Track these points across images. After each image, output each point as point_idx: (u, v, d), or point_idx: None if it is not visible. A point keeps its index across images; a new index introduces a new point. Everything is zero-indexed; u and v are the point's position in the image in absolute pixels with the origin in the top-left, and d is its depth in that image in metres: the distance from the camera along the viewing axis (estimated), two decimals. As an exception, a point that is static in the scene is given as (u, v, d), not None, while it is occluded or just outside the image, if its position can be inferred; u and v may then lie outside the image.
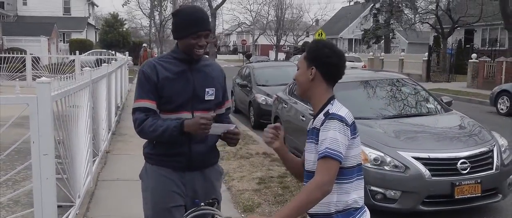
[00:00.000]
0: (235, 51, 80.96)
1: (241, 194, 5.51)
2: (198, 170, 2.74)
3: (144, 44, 32.45)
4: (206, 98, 2.70)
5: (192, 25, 2.57)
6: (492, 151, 5.13)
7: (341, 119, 2.07)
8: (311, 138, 2.17)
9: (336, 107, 2.14)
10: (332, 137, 2.02)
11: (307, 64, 2.20)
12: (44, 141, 3.29)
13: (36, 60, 19.40)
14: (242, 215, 4.86)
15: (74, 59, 18.25)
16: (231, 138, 2.66)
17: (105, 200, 5.18)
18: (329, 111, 2.11)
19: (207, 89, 2.70)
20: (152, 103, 2.61)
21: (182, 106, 2.64)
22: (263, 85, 11.67)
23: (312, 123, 2.22)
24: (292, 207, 1.97)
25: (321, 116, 2.14)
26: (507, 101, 13.22)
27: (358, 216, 2.14)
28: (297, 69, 2.26)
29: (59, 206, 4.39)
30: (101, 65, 8.24)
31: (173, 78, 2.63)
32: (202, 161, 2.74)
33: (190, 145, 2.65)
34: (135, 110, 2.63)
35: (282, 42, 55.03)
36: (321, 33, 36.42)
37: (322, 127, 2.07)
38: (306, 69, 2.20)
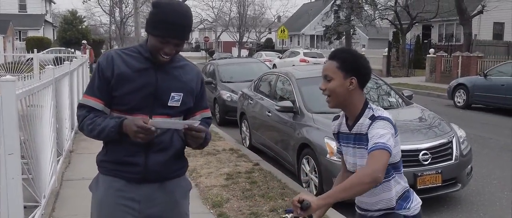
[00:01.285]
0: (197, 48, 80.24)
1: (209, 190, 5.53)
2: (157, 182, 2.34)
3: (84, 41, 28.01)
4: (169, 104, 2.31)
5: (165, 28, 2.17)
6: (451, 142, 5.34)
7: (388, 119, 2.16)
8: (359, 144, 2.23)
9: (379, 111, 2.22)
10: (381, 133, 2.09)
11: (344, 74, 2.20)
12: (9, 140, 3.23)
13: (-9, 59, 18.75)
14: (211, 211, 4.88)
15: (31, 58, 17.73)
16: (193, 136, 2.24)
17: (71, 200, 5.10)
18: (375, 115, 2.18)
19: (173, 94, 2.31)
20: (97, 102, 2.27)
21: (137, 109, 2.26)
22: (227, 82, 11.69)
23: (349, 127, 2.28)
24: (341, 187, 2.02)
25: (365, 121, 2.19)
26: (464, 95, 13.70)
27: (410, 194, 2.33)
28: (328, 80, 2.22)
29: (24, 207, 4.32)
30: (60, 64, 8.06)
31: (131, 76, 2.25)
32: (161, 173, 2.33)
33: (147, 153, 2.28)
34: (79, 106, 2.33)
35: (244, 39, 55.05)
36: (284, 29, 36.72)
37: (371, 127, 2.15)
38: (343, 80, 2.20)
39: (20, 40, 42.39)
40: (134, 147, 2.25)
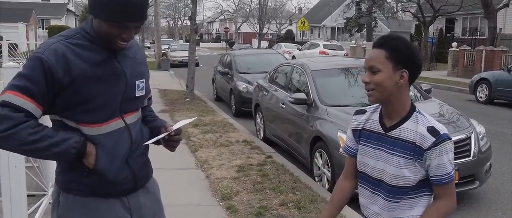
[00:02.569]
0: (218, 39, 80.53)
1: (219, 182, 5.45)
2: (142, 187, 2.10)
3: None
4: (136, 95, 1.98)
5: (124, 11, 1.75)
6: (469, 138, 5.15)
7: (450, 139, 1.88)
8: (398, 151, 1.90)
9: (434, 122, 1.90)
10: (450, 159, 1.86)
11: (394, 66, 1.86)
12: (11, 128, 3.17)
13: (13, 47, 18.99)
14: (220, 203, 4.80)
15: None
16: (175, 140, 2.06)
17: (80, 189, 5.07)
18: (439, 131, 1.85)
19: (137, 82, 1.98)
20: (38, 109, 1.76)
21: (108, 114, 1.87)
22: (244, 73, 11.60)
23: (385, 128, 1.96)
24: None
25: (420, 129, 1.87)
26: (486, 90, 13.36)
27: None
28: (374, 72, 1.88)
29: (31, 195, 4.31)
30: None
31: (94, 73, 1.81)
32: (146, 177, 2.12)
33: (130, 163, 1.98)
34: (5, 104, 1.71)
35: (265, 30, 54.85)
36: (304, 21, 36.39)
37: (437, 150, 1.83)
38: (393, 73, 1.86)
39: (42, 29, 42.97)
40: (118, 159, 1.92)
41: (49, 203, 4.43)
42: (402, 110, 1.92)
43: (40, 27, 42.69)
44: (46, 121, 1.95)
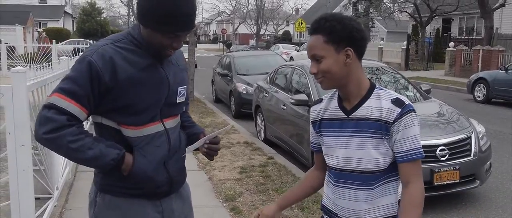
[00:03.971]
0: (215, 41, 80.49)
1: (222, 183, 5.49)
2: (176, 192, 2.10)
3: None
4: (177, 101, 2.00)
5: (175, 22, 1.76)
6: (470, 137, 5.20)
7: (415, 111, 1.75)
8: (363, 132, 1.78)
9: (396, 94, 1.79)
10: (417, 133, 1.73)
11: (336, 48, 1.74)
12: (20, 131, 3.21)
13: (11, 50, 18.98)
14: (224, 205, 4.84)
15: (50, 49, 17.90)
16: (214, 150, 2.11)
17: (84, 192, 5.06)
18: (403, 101, 1.75)
19: (179, 89, 1.99)
20: (82, 111, 1.78)
21: (148, 118, 1.89)
22: (243, 75, 11.63)
23: (346, 111, 1.83)
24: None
25: (384, 104, 1.75)
26: (484, 89, 13.43)
27: None
28: (318, 60, 1.76)
29: (37, 198, 4.33)
30: (79, 55, 8.09)
31: (139, 78, 1.83)
32: (181, 182, 2.12)
33: (167, 167, 1.99)
34: (51, 106, 1.74)
35: (262, 31, 54.88)
36: (301, 22, 36.47)
37: (403, 122, 1.72)
38: (337, 55, 1.74)
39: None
40: (154, 163, 1.93)
41: (55, 206, 4.46)
42: (360, 89, 1.80)
43: (37, 29, 42.61)
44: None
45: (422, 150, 1.75)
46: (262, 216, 2.03)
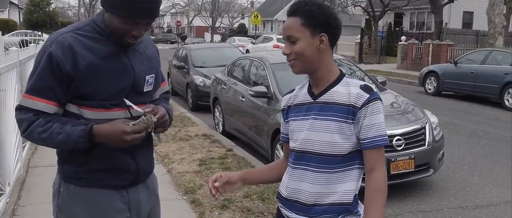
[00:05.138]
0: (169, 33, 79.45)
1: (181, 176, 5.42)
2: (142, 181, 2.05)
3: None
4: (144, 90, 1.96)
5: (135, 8, 1.72)
6: (424, 128, 5.35)
7: (381, 100, 1.79)
8: (328, 115, 1.77)
9: (362, 82, 1.81)
10: (382, 121, 1.75)
11: (312, 31, 1.75)
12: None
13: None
14: (184, 197, 4.78)
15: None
16: (163, 124, 1.95)
17: (37, 187, 4.92)
18: (370, 86, 1.78)
19: (147, 78, 1.96)
20: (49, 105, 1.78)
21: (113, 104, 1.86)
22: (200, 67, 11.52)
23: (313, 96, 1.84)
24: (380, 213, 1.73)
25: (358, 91, 1.76)
26: (434, 82, 13.89)
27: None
28: (293, 42, 1.77)
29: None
30: (27, 46, 7.77)
31: (101, 66, 1.80)
32: (148, 171, 2.08)
33: (134, 155, 1.94)
34: (20, 108, 1.81)
35: (217, 24, 54.61)
36: (257, 15, 36.48)
37: (370, 108, 1.74)
38: (311, 39, 1.75)
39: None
40: (119, 149, 1.87)
41: (7, 202, 4.28)
42: (329, 75, 1.82)
43: (-19, 20, 40.66)
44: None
45: (386, 137, 1.77)
46: (224, 176, 1.95)
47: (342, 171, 1.79)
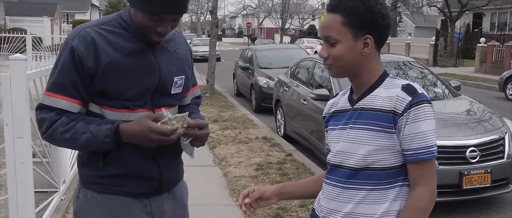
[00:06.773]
0: (240, 34, 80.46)
1: (237, 180, 5.26)
2: (167, 191, 1.89)
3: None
4: (172, 92, 1.81)
5: (161, 3, 1.59)
6: (503, 138, 4.84)
7: (430, 103, 1.48)
8: (362, 122, 1.52)
9: (407, 82, 1.52)
10: (430, 129, 1.45)
11: (355, 33, 1.48)
12: (18, 122, 3.03)
13: (38, 41, 19.10)
14: (237, 203, 4.60)
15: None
16: (198, 136, 1.77)
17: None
18: (414, 87, 1.48)
19: (175, 79, 1.80)
20: (72, 103, 1.68)
21: (137, 104, 1.72)
22: (265, 68, 11.38)
23: (352, 102, 1.58)
24: None
25: (399, 93, 1.47)
26: (517, 87, 12.90)
27: None
28: (332, 44, 1.52)
29: (44, 192, 4.18)
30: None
31: (125, 63, 1.68)
32: (174, 180, 1.92)
33: (157, 161, 1.79)
34: (42, 107, 1.70)
35: (287, 26, 54.47)
36: (327, 16, 35.95)
37: (412, 114, 1.44)
38: (354, 41, 1.49)
39: (67, 23, 43.44)
40: (141, 155, 1.74)
41: (61, 199, 4.30)
42: (372, 78, 1.55)
43: (65, 21, 43.18)
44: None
45: (434, 148, 1.47)
46: (256, 191, 1.74)
47: (381, 191, 1.51)
